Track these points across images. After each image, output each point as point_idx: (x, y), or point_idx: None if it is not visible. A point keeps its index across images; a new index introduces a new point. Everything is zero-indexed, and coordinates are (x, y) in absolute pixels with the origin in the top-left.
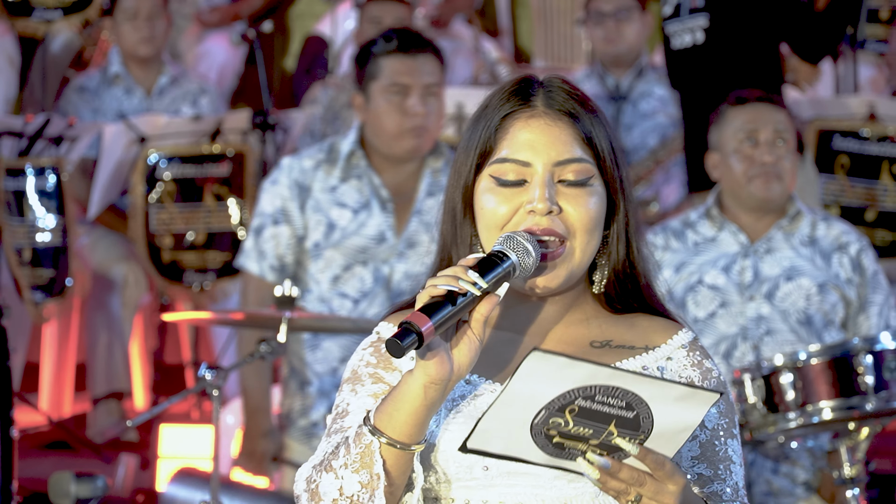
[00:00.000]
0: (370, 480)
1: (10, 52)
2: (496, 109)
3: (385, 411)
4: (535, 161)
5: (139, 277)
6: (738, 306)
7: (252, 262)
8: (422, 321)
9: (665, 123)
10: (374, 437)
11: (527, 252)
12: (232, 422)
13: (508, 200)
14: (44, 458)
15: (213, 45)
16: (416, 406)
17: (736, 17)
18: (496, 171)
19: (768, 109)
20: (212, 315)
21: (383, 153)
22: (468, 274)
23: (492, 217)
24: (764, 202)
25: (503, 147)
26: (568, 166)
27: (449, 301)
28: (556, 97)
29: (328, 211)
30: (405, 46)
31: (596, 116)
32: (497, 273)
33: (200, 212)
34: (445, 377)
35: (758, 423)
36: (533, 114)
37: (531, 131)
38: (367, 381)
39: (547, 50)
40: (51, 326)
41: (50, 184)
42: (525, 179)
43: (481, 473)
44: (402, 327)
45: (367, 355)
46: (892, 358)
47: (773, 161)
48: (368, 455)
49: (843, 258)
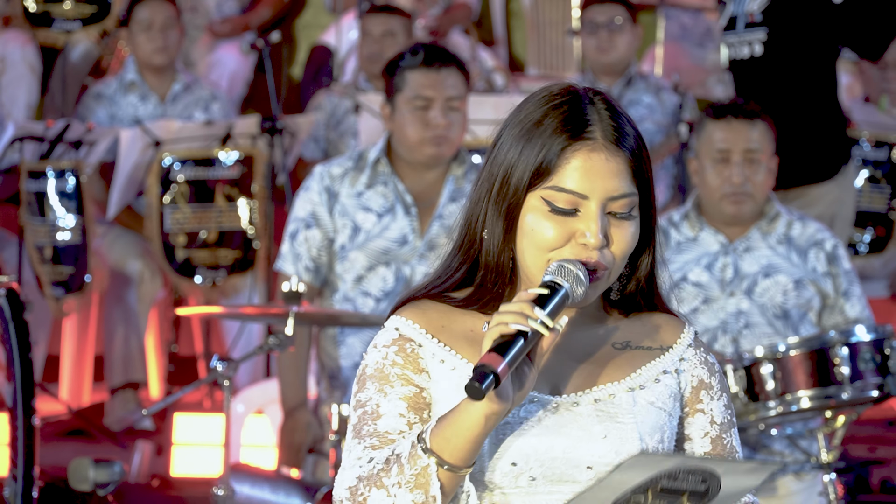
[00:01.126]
0: (425, 501)
1: (31, 60)
2: (555, 134)
3: (442, 435)
4: (592, 195)
5: (154, 274)
6: (720, 302)
7: (288, 265)
8: (497, 362)
9: (652, 130)
10: (431, 459)
11: (579, 281)
12: (242, 410)
13: (559, 227)
14: (64, 445)
15: (224, 55)
16: (476, 434)
17: (795, 29)
18: (550, 197)
19: (742, 127)
20: (223, 309)
21: (407, 160)
22: (535, 311)
23: (542, 239)
24: (734, 219)
25: (561, 175)
26: (619, 201)
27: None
28: (608, 126)
29: (354, 215)
30: (430, 60)
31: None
32: (556, 306)
33: (212, 212)
34: (507, 408)
35: (739, 411)
36: (594, 147)
37: (591, 165)
38: (395, 382)
39: (540, 58)
40: (70, 320)
41: (70, 185)
42: (577, 209)
43: (526, 482)
44: (479, 371)
45: (393, 354)
46: (866, 350)
47: (742, 182)
48: (424, 477)
49: (819, 254)
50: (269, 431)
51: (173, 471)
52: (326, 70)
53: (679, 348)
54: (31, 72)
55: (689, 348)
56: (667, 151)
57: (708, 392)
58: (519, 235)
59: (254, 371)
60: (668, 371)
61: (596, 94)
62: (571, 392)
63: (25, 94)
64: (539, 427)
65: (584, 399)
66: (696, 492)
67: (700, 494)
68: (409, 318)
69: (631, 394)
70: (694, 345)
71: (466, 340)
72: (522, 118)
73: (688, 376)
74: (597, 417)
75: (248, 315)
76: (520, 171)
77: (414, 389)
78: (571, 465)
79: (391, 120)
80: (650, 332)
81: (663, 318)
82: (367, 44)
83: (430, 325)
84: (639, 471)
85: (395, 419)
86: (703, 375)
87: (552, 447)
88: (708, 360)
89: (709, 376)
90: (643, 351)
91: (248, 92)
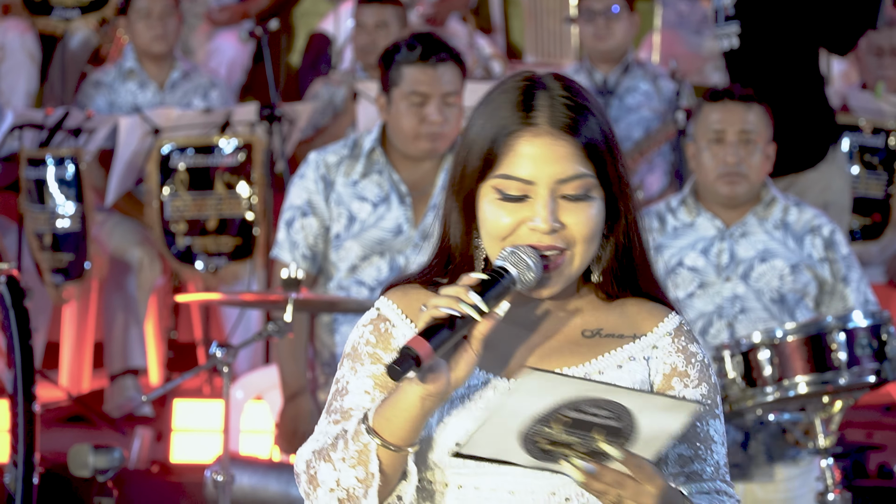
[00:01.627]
0: (366, 477)
1: (31, 48)
2: (502, 121)
3: (383, 415)
4: (538, 180)
5: (153, 261)
6: (716, 286)
7: (285, 253)
8: (421, 346)
9: (649, 117)
10: (371, 437)
11: (528, 268)
12: (241, 396)
13: (511, 213)
14: (64, 432)
15: (223, 42)
16: (413, 414)
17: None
18: (499, 185)
19: (738, 109)
20: (222, 296)
21: (401, 151)
22: (470, 296)
23: (494, 228)
24: (728, 199)
25: (508, 163)
26: (570, 183)
27: (449, 325)
28: (559, 112)
29: (349, 204)
30: (427, 55)
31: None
32: (498, 292)
33: (212, 199)
34: (442, 392)
35: (737, 397)
36: (537, 132)
37: (535, 150)
38: (366, 360)
39: (537, 46)
40: (70, 307)
41: (69, 173)
42: (527, 195)
43: (474, 463)
44: (401, 352)
45: (367, 333)
46: (863, 335)
47: (737, 162)
48: (365, 454)
49: (815, 240)
50: (268, 417)
51: (173, 457)
52: (325, 58)
53: (653, 336)
54: (30, 60)
55: (667, 337)
56: (664, 138)
57: (681, 380)
58: (480, 225)
59: (253, 357)
60: (636, 358)
61: (557, 79)
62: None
63: (25, 82)
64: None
65: None
66: (609, 427)
67: (614, 430)
68: (391, 298)
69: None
70: (674, 333)
71: None
72: (480, 109)
73: (659, 363)
74: None
75: (248, 302)
76: (472, 160)
77: (382, 368)
78: None
79: (386, 111)
80: (627, 320)
81: (646, 306)
82: (360, 35)
83: (409, 307)
84: (534, 396)
85: (360, 396)
86: (678, 363)
87: None
88: (688, 350)
89: (685, 365)
90: (613, 339)
91: (246, 79)
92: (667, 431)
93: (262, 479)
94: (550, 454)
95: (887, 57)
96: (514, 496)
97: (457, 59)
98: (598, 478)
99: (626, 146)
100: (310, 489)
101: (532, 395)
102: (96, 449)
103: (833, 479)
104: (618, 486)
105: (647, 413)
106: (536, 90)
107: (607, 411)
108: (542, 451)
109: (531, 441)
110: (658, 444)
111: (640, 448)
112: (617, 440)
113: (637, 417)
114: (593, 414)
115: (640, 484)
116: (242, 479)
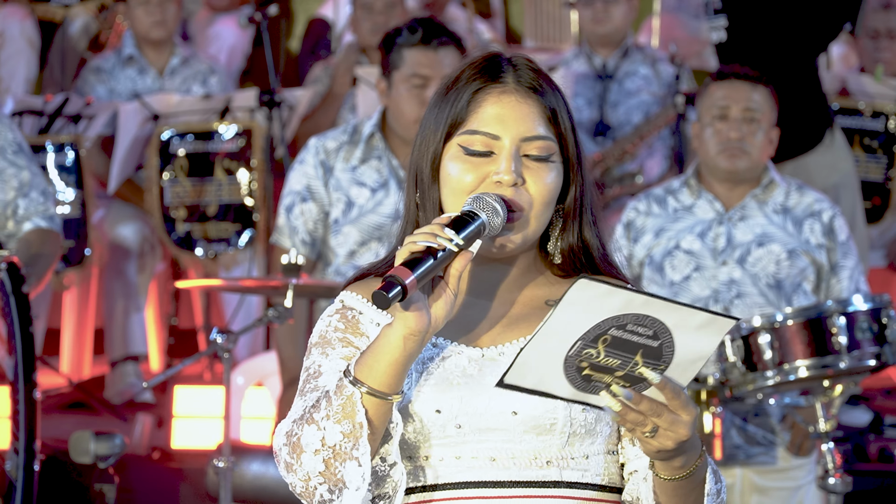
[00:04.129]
0: (353, 430)
1: (30, 35)
2: (467, 83)
3: (365, 363)
4: (504, 135)
5: (154, 247)
6: (712, 270)
7: (285, 238)
8: (405, 275)
9: (649, 101)
10: (356, 387)
11: (495, 212)
12: (242, 382)
13: (475, 169)
14: (65, 418)
15: (223, 28)
16: (396, 357)
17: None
18: (465, 142)
19: (743, 87)
20: (223, 282)
21: (401, 136)
22: (445, 231)
23: (458, 184)
24: (730, 174)
25: (473, 119)
26: (533, 143)
27: (428, 256)
28: (525, 75)
29: (348, 190)
30: (428, 39)
31: (559, 94)
32: (470, 230)
33: (212, 185)
34: (424, 328)
35: (737, 381)
36: (504, 90)
37: (502, 106)
38: (337, 345)
39: (537, 31)
40: (71, 294)
41: (69, 159)
42: (492, 151)
43: (454, 431)
44: (387, 280)
45: (335, 321)
46: (863, 319)
47: (740, 137)
48: (350, 405)
49: (814, 225)
50: (268, 403)
51: (174, 443)
52: (324, 43)
53: None
54: (29, 46)
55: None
56: (663, 123)
57: None
58: (442, 185)
59: (253, 343)
60: None
61: (520, 56)
62: (497, 343)
63: (24, 68)
64: (462, 376)
65: (508, 349)
66: (649, 347)
67: (653, 351)
68: (353, 290)
69: None
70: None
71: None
72: (444, 80)
73: None
74: None
75: (248, 288)
76: (438, 123)
77: (354, 350)
78: (496, 411)
79: (387, 96)
80: None
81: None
82: (367, 17)
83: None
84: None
85: (334, 375)
86: None
87: (476, 395)
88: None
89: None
90: None
91: (246, 65)
92: (701, 353)
93: (262, 466)
94: (590, 382)
95: (883, 39)
96: (495, 463)
97: (458, 43)
98: (636, 406)
99: (626, 130)
100: (293, 458)
101: (580, 309)
102: (97, 436)
103: (834, 464)
104: (654, 415)
105: (685, 332)
106: (502, 59)
107: (647, 329)
108: (584, 378)
109: (575, 366)
110: (692, 368)
111: (675, 374)
112: (655, 364)
113: (675, 337)
114: (634, 332)
115: (675, 412)
116: (243, 465)
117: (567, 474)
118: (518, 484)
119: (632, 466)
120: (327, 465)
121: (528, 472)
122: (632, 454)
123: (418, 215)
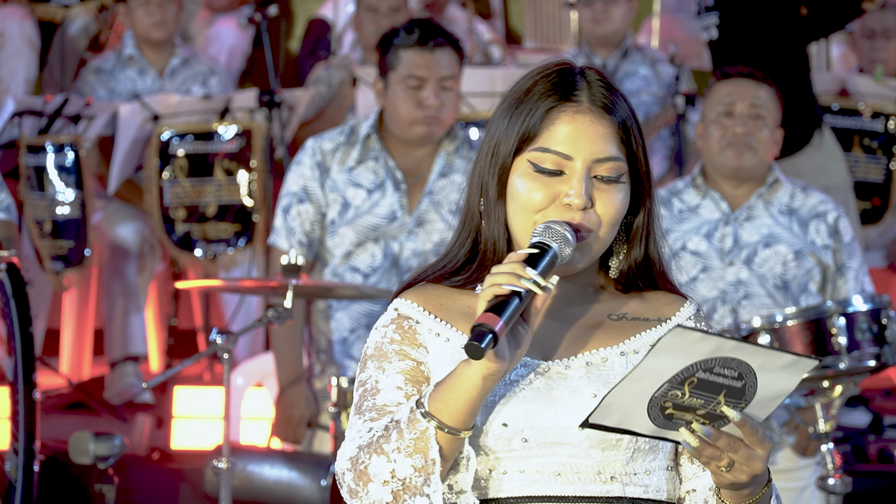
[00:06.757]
0: (425, 465)
1: (30, 35)
2: (540, 98)
3: (440, 399)
4: (576, 156)
5: (153, 247)
6: (719, 271)
7: (282, 239)
8: (493, 322)
9: (648, 101)
10: (429, 423)
11: (566, 241)
12: (241, 383)
13: (545, 188)
14: (64, 419)
15: (223, 29)
16: (474, 395)
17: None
18: (536, 159)
19: (749, 84)
20: (222, 283)
21: (398, 136)
22: (527, 271)
23: (527, 201)
24: (736, 171)
25: (546, 137)
26: (605, 164)
27: (513, 297)
28: (598, 93)
29: (344, 191)
30: (424, 40)
31: (630, 110)
32: (545, 264)
33: (211, 185)
34: (504, 369)
35: None
36: (579, 109)
37: (576, 126)
38: (393, 358)
39: (536, 31)
40: (70, 294)
41: (69, 160)
42: (562, 171)
43: (520, 445)
44: (477, 330)
45: (391, 332)
46: (863, 320)
47: (746, 133)
48: (424, 441)
49: (820, 225)
50: (268, 404)
51: (173, 444)
52: (324, 43)
53: (677, 320)
54: (29, 47)
55: (689, 321)
56: (663, 123)
57: None
58: (508, 200)
59: (253, 344)
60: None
61: (590, 69)
62: (563, 357)
63: (24, 68)
64: (529, 390)
65: (575, 363)
66: (732, 388)
67: (736, 391)
68: (408, 298)
69: (623, 357)
70: (694, 318)
71: (463, 316)
72: (514, 90)
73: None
74: (587, 379)
75: (247, 288)
76: (508, 136)
77: (412, 363)
78: (563, 426)
79: (383, 96)
80: (650, 306)
81: (665, 296)
82: (370, 19)
83: (429, 303)
84: (674, 356)
85: (392, 392)
86: None
87: (543, 409)
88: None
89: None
90: (640, 321)
91: (246, 66)
92: (781, 391)
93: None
94: (672, 420)
95: (880, 39)
96: (560, 477)
97: (454, 45)
98: (714, 443)
99: None
100: (358, 486)
101: (671, 355)
102: (97, 436)
103: (833, 464)
104: (730, 450)
105: (767, 372)
106: (575, 73)
107: (732, 371)
108: (666, 417)
109: (658, 405)
110: (771, 405)
111: (754, 410)
112: (736, 403)
113: (758, 377)
114: (721, 374)
115: (751, 448)
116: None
117: (630, 490)
118: (582, 499)
119: (690, 485)
120: (396, 496)
121: (592, 488)
122: (690, 472)
123: (480, 224)
